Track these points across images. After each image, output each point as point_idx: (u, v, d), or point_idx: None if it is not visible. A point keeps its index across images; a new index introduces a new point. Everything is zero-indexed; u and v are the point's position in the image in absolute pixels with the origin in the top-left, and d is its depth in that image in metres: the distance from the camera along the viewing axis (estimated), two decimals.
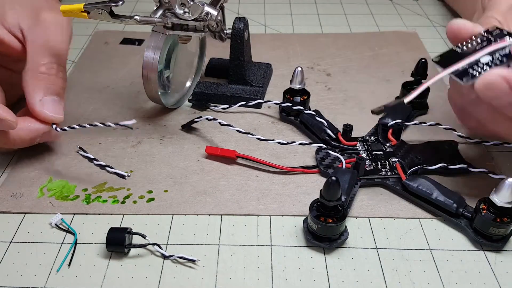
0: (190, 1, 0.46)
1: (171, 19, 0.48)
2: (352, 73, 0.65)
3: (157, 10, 0.49)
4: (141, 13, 0.49)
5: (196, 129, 0.54)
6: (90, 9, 0.46)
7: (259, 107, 0.58)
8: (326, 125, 0.51)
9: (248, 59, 0.59)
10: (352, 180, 0.44)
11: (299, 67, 0.54)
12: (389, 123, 0.52)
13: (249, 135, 0.49)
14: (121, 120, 0.44)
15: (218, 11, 0.48)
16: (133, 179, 0.47)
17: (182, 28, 0.48)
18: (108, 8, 0.46)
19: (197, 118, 0.53)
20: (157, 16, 0.49)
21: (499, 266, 0.40)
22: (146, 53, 0.50)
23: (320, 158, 0.49)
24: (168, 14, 0.48)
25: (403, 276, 0.39)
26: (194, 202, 0.45)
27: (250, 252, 0.41)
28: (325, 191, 0.38)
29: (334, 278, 0.39)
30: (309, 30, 0.76)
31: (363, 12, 0.82)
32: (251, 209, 0.44)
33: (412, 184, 0.44)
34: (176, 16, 0.47)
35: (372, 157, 0.49)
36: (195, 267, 0.39)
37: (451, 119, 0.56)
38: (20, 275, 0.39)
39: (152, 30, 0.51)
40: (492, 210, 0.40)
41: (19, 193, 0.46)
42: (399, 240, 0.42)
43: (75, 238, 0.41)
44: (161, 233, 0.42)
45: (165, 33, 0.49)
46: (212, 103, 0.58)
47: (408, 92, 0.56)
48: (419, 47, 0.71)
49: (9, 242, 0.41)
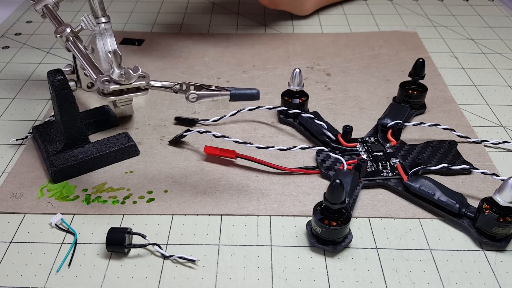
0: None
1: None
2: (352, 73, 0.65)
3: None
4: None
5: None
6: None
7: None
8: (326, 127, 0.51)
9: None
10: (354, 182, 0.44)
11: (297, 69, 0.54)
12: (388, 124, 0.52)
13: (248, 144, 0.48)
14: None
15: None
16: (133, 179, 0.47)
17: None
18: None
19: (186, 132, 0.51)
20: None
21: (499, 266, 0.40)
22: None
23: (320, 160, 0.49)
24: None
25: (403, 276, 0.39)
26: (194, 202, 0.45)
27: (250, 252, 0.41)
28: (329, 194, 0.38)
29: (334, 278, 0.39)
30: (309, 30, 0.76)
31: (363, 12, 0.82)
32: (251, 209, 0.44)
33: (414, 185, 0.44)
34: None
35: (372, 158, 0.49)
36: (195, 267, 0.39)
37: (450, 119, 0.56)
38: (20, 275, 0.39)
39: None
40: (495, 210, 0.40)
41: (19, 193, 0.46)
42: (399, 240, 0.42)
43: (75, 238, 0.41)
44: (161, 233, 0.42)
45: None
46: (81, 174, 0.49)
47: (406, 91, 0.56)
48: (419, 47, 0.71)
49: (9, 242, 0.41)
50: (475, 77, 0.64)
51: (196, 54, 0.69)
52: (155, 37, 0.73)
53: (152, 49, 0.70)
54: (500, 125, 0.55)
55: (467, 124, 0.55)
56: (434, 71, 0.65)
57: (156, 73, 0.64)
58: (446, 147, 0.50)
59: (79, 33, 0.48)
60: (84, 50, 0.46)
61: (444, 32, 0.76)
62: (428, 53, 0.69)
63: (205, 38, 0.73)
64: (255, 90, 0.42)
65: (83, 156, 0.48)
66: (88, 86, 0.57)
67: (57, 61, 0.67)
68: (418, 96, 0.56)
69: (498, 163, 0.50)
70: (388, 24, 0.78)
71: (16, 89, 0.61)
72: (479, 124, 0.55)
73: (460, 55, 0.69)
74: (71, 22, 0.78)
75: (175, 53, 0.69)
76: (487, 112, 0.58)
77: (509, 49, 0.71)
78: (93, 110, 0.55)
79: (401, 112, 0.54)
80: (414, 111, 0.56)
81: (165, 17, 0.80)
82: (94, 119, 0.53)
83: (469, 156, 0.50)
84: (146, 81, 0.41)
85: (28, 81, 0.63)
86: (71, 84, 0.48)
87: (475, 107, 0.58)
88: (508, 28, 0.77)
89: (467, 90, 0.62)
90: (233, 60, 0.67)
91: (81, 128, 0.48)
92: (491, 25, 0.78)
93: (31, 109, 0.57)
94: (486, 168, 0.48)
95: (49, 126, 0.51)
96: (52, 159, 0.47)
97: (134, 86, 0.41)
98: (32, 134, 0.52)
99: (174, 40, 0.72)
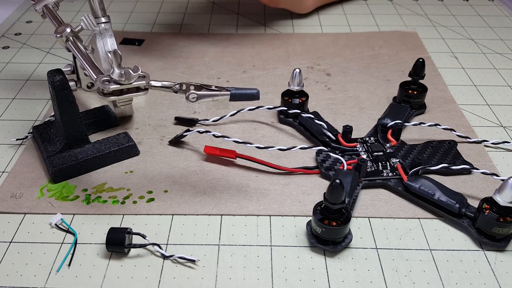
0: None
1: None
2: (352, 73, 0.65)
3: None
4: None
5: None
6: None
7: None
8: (326, 127, 0.51)
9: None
10: (354, 182, 0.44)
11: (297, 69, 0.54)
12: (388, 124, 0.52)
13: (248, 144, 0.48)
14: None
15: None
16: (133, 179, 0.47)
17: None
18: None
19: (186, 132, 0.51)
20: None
21: (499, 266, 0.40)
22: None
23: (320, 160, 0.49)
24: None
25: (403, 276, 0.39)
26: (194, 202, 0.45)
27: (250, 252, 0.41)
28: (329, 194, 0.38)
29: (334, 278, 0.39)
30: (309, 30, 0.76)
31: (363, 12, 0.82)
32: (251, 209, 0.44)
33: (414, 185, 0.44)
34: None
35: (372, 158, 0.49)
36: (195, 267, 0.39)
37: (450, 119, 0.56)
38: (20, 275, 0.39)
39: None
40: (495, 210, 0.40)
41: (19, 193, 0.46)
42: (399, 240, 0.42)
43: (75, 238, 0.41)
44: (161, 233, 0.42)
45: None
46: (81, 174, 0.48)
47: (406, 91, 0.56)
48: (419, 47, 0.71)
49: (9, 242, 0.41)
50: (475, 77, 0.64)
51: (196, 54, 0.69)
52: (155, 37, 0.73)
53: (152, 49, 0.70)
54: (500, 125, 0.55)
55: (467, 124, 0.55)
56: (434, 71, 0.65)
57: (156, 73, 0.64)
58: (446, 147, 0.50)
59: (79, 33, 0.48)
60: (84, 50, 0.46)
61: (444, 32, 0.76)
62: (428, 53, 0.69)
63: (205, 38, 0.73)
64: (255, 90, 0.42)
65: (83, 156, 0.48)
66: (88, 86, 0.57)
67: (57, 61, 0.67)
68: (418, 96, 0.56)
69: (498, 163, 0.50)
70: (388, 24, 0.78)
71: (16, 89, 0.61)
72: (479, 124, 0.55)
73: (460, 55, 0.69)
74: (71, 22, 0.78)
75: (175, 53, 0.69)
76: (487, 112, 0.58)
77: (509, 49, 0.71)
78: (93, 110, 0.55)
79: (401, 112, 0.54)
80: (414, 111, 0.56)
81: (165, 17, 0.80)
82: (94, 119, 0.53)
83: (469, 156, 0.50)
84: (146, 81, 0.41)
85: (28, 81, 0.63)
86: (71, 84, 0.48)
87: (475, 107, 0.58)
88: (508, 28, 0.77)
89: (467, 90, 0.62)
90: (233, 60, 0.67)
91: (81, 128, 0.48)
92: (491, 25, 0.78)
93: (31, 109, 0.57)
94: (486, 168, 0.48)
95: (49, 126, 0.51)
96: (52, 159, 0.47)
97: (134, 86, 0.41)
98: (32, 134, 0.52)
99: (174, 40, 0.72)
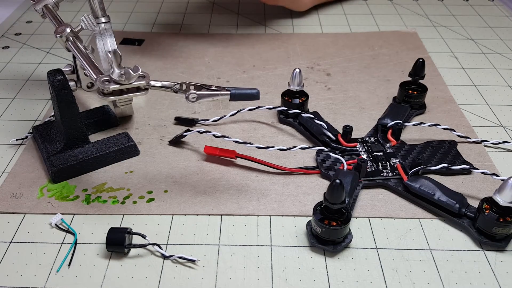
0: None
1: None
2: (352, 73, 0.65)
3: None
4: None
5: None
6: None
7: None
8: (326, 127, 0.51)
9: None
10: (354, 182, 0.44)
11: (297, 69, 0.54)
12: (388, 124, 0.52)
13: (248, 144, 0.48)
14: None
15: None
16: (133, 179, 0.47)
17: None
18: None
19: (186, 132, 0.51)
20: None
21: (499, 266, 0.40)
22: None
23: (320, 160, 0.49)
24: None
25: (403, 276, 0.39)
26: (194, 202, 0.45)
27: (250, 252, 0.41)
28: (329, 194, 0.38)
29: (334, 278, 0.39)
30: (309, 30, 0.76)
31: (363, 12, 0.82)
32: (251, 209, 0.44)
33: (414, 185, 0.44)
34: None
35: (372, 158, 0.49)
36: (195, 267, 0.39)
37: (450, 119, 0.56)
38: (20, 275, 0.39)
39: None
40: (495, 210, 0.40)
41: (19, 193, 0.46)
42: (399, 240, 0.42)
43: (75, 238, 0.41)
44: (161, 233, 0.42)
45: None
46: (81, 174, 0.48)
47: (406, 91, 0.56)
48: (419, 47, 0.71)
49: (9, 242, 0.41)
50: (475, 77, 0.64)
51: (196, 54, 0.69)
52: (155, 37, 0.73)
53: (152, 49, 0.70)
54: (500, 125, 0.55)
55: (467, 124, 0.55)
56: (434, 71, 0.65)
57: (156, 73, 0.64)
58: (446, 147, 0.50)
59: (79, 33, 0.48)
60: (84, 50, 0.46)
61: (444, 32, 0.76)
62: (428, 53, 0.69)
63: (205, 38, 0.73)
64: (255, 90, 0.42)
65: (83, 156, 0.48)
66: (88, 86, 0.57)
67: (57, 61, 0.67)
68: (418, 96, 0.56)
69: (498, 163, 0.50)
70: (388, 24, 0.78)
71: (16, 89, 0.61)
72: (479, 124, 0.55)
73: (460, 55, 0.69)
74: (71, 22, 0.78)
75: (175, 53, 0.69)
76: (487, 112, 0.58)
77: (509, 49, 0.71)
78: (93, 110, 0.55)
79: (401, 112, 0.54)
80: (414, 111, 0.56)
81: (165, 17, 0.80)
82: (94, 119, 0.53)
83: (469, 156, 0.50)
84: (146, 81, 0.41)
85: (28, 81, 0.63)
86: (71, 84, 0.48)
87: (475, 107, 0.58)
88: (508, 28, 0.77)
89: (467, 90, 0.62)
90: (233, 60, 0.67)
91: (81, 128, 0.48)
92: (491, 25, 0.78)
93: (31, 109, 0.57)
94: (486, 168, 0.48)
95: (49, 126, 0.51)
96: (52, 159, 0.47)
97: (134, 86, 0.41)
98: (32, 134, 0.52)
99: (174, 40, 0.72)
